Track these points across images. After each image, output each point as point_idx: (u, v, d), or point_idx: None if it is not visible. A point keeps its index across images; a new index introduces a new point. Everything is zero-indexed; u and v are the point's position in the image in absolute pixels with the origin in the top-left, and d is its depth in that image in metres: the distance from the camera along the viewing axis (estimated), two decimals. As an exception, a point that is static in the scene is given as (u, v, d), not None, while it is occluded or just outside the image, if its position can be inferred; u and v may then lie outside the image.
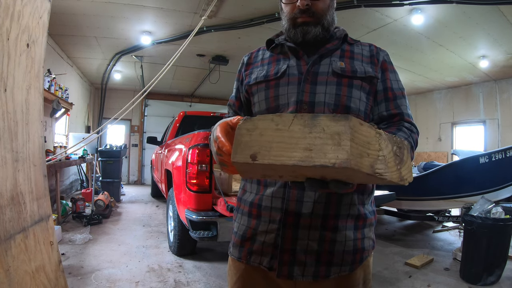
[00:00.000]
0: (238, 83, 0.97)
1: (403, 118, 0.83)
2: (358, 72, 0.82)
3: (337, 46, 0.87)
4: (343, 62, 0.83)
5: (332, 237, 0.77)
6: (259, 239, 0.82)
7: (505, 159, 3.16)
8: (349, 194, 0.79)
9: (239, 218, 0.90)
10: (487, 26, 4.00)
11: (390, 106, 0.84)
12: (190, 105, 9.11)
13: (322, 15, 0.83)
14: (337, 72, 0.82)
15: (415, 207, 3.84)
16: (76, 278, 2.36)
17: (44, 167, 1.40)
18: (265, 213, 0.82)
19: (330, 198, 0.78)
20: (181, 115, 4.65)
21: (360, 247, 0.80)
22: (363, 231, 0.82)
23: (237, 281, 0.86)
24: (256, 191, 0.85)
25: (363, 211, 0.82)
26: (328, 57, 0.85)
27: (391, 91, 0.85)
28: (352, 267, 0.79)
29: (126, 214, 4.77)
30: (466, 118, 6.99)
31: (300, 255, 0.77)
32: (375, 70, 0.85)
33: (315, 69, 0.83)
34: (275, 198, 0.80)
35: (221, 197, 2.39)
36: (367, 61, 0.86)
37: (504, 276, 2.53)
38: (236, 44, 5.07)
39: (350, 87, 0.81)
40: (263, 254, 0.81)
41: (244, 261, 0.84)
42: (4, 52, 1.08)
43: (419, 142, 0.90)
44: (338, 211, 0.78)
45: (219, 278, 2.54)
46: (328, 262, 0.77)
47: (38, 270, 1.21)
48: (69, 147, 4.81)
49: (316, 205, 0.77)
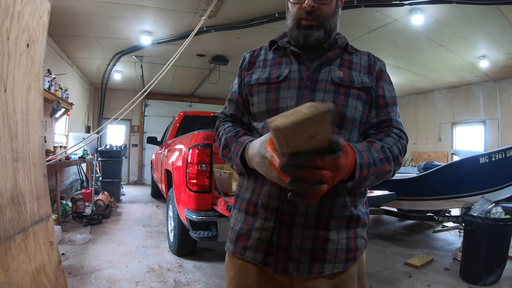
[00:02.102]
0: (241, 79, 0.97)
1: (391, 125, 0.86)
2: (355, 82, 0.85)
3: (338, 55, 0.89)
4: (342, 72, 0.86)
5: (326, 236, 0.80)
6: (254, 236, 0.84)
7: (505, 159, 3.16)
8: (342, 196, 0.82)
9: (236, 214, 0.93)
10: (487, 26, 4.01)
11: (381, 113, 0.87)
12: (190, 105, 9.12)
13: (326, 19, 0.86)
14: (335, 81, 0.84)
15: (415, 207, 3.84)
16: (76, 278, 2.36)
17: (44, 167, 1.40)
18: (261, 212, 0.84)
19: (324, 200, 0.80)
20: (181, 115, 4.65)
21: (353, 246, 0.83)
22: (355, 231, 0.85)
23: (234, 277, 0.89)
24: (252, 189, 0.87)
25: (356, 213, 0.85)
26: (328, 65, 0.87)
27: (383, 99, 0.88)
28: (346, 265, 0.82)
29: (126, 214, 4.77)
30: (466, 118, 6.99)
31: (294, 253, 0.80)
32: (372, 80, 0.88)
33: (315, 76, 0.85)
34: (271, 197, 0.82)
35: (221, 197, 2.39)
36: (365, 71, 0.89)
37: (504, 276, 2.53)
38: (236, 44, 5.07)
39: (347, 96, 0.84)
40: (257, 250, 0.83)
41: (238, 255, 0.87)
42: (4, 52, 1.08)
43: (419, 142, 0.92)
44: (331, 211, 0.81)
45: (219, 278, 2.54)
46: (322, 260, 0.80)
47: (38, 270, 1.21)
48: (69, 147, 4.81)
49: (311, 205, 0.80)
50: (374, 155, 0.73)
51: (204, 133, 2.63)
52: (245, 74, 0.95)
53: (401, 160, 0.81)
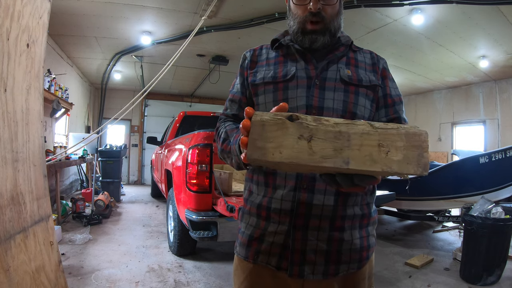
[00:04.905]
0: (243, 79, 0.94)
1: (401, 123, 0.87)
2: (363, 81, 0.86)
3: (344, 53, 0.89)
4: (349, 70, 0.86)
5: (340, 237, 0.80)
6: (267, 240, 0.83)
7: (505, 159, 3.16)
8: (355, 195, 0.82)
9: (247, 218, 0.90)
10: (487, 26, 4.00)
11: (390, 112, 0.89)
12: (190, 105, 9.11)
13: (331, 20, 0.85)
14: (344, 80, 0.84)
15: (415, 207, 3.84)
16: (76, 278, 2.36)
17: (44, 167, 1.40)
18: (274, 215, 0.83)
19: (338, 200, 0.80)
20: (181, 115, 4.65)
21: (366, 245, 0.84)
22: (367, 229, 0.86)
23: (244, 280, 0.87)
24: (264, 193, 0.86)
25: (367, 210, 0.86)
26: (335, 63, 0.86)
27: (390, 98, 0.89)
28: (360, 265, 0.83)
29: (126, 214, 4.77)
30: (466, 118, 6.98)
31: (310, 255, 0.79)
32: (377, 78, 0.89)
33: (323, 74, 0.85)
34: (285, 201, 0.81)
35: (221, 197, 2.39)
36: (370, 69, 0.89)
37: (504, 276, 2.53)
38: (236, 44, 5.06)
39: (357, 95, 0.84)
40: (271, 254, 0.82)
41: (251, 260, 0.85)
42: (4, 52, 1.08)
43: None
44: (345, 212, 0.81)
45: (219, 278, 2.54)
46: (337, 261, 0.80)
47: (38, 270, 1.21)
48: (69, 147, 4.81)
49: (325, 207, 0.79)
50: None
51: (204, 133, 2.63)
52: (247, 73, 0.93)
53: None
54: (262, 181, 0.86)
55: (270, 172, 0.84)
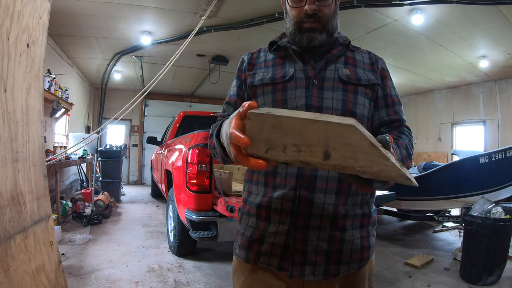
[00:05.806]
0: (240, 81, 0.95)
1: (402, 124, 0.90)
2: (362, 80, 0.86)
3: (342, 53, 0.89)
4: (348, 69, 0.86)
5: (341, 237, 0.80)
6: (268, 241, 0.82)
7: (505, 159, 3.16)
8: (356, 194, 0.82)
9: (246, 219, 0.89)
10: (487, 26, 4.00)
11: (390, 112, 0.90)
12: (190, 105, 9.11)
13: (328, 20, 0.85)
14: (343, 79, 0.84)
15: (415, 207, 3.84)
16: (76, 278, 2.36)
17: (44, 167, 1.40)
18: (274, 215, 0.82)
19: (339, 199, 0.80)
20: (181, 115, 4.65)
21: (366, 245, 0.84)
22: (368, 229, 0.86)
23: (244, 282, 0.86)
24: (263, 193, 0.85)
25: (368, 210, 0.86)
26: (333, 63, 0.87)
27: (390, 98, 0.90)
28: (360, 265, 0.83)
29: (126, 214, 4.77)
30: (466, 118, 6.98)
31: (310, 255, 0.79)
32: (376, 77, 0.90)
33: (322, 74, 0.85)
34: (285, 200, 0.81)
35: (221, 197, 2.39)
36: (369, 69, 0.90)
37: (504, 276, 2.53)
38: (236, 44, 5.06)
39: (356, 94, 0.85)
40: (272, 255, 0.82)
41: (252, 262, 0.84)
42: (4, 52, 1.08)
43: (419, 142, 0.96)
44: (346, 211, 0.81)
45: (219, 278, 2.54)
46: (337, 261, 0.80)
47: (38, 270, 1.21)
48: (69, 147, 4.81)
49: (326, 206, 0.79)
50: (402, 152, 0.75)
51: (204, 133, 2.63)
52: (246, 75, 0.93)
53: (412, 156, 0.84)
54: (261, 181, 0.86)
55: (270, 172, 0.84)
